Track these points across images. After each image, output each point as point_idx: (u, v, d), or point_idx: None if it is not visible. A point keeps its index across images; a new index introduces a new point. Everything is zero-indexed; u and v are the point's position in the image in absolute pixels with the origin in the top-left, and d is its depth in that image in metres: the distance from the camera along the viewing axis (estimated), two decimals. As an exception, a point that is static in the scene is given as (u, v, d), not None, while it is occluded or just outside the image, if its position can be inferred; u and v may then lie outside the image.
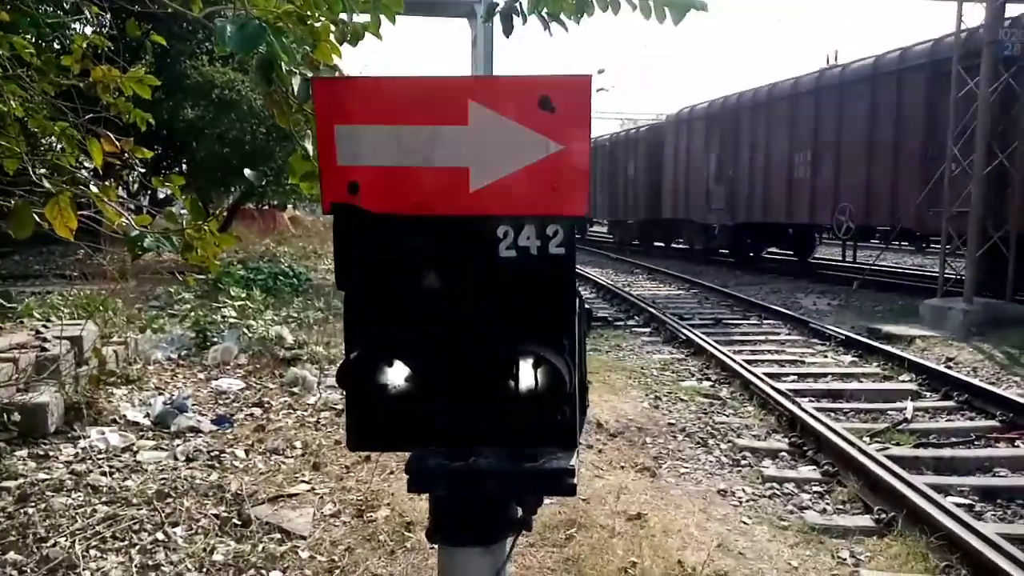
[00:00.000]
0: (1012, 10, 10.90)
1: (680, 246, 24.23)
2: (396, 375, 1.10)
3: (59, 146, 3.44)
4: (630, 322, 11.18)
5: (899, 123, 13.50)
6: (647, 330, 10.47)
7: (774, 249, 20.57)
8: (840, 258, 18.37)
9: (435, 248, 1.07)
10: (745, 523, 4.21)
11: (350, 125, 1.06)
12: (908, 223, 13.42)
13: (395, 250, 1.07)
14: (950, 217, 11.04)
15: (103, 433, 5.00)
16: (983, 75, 10.37)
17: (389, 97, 1.06)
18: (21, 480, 4.24)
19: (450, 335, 1.10)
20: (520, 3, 2.74)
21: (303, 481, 4.42)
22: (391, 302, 1.09)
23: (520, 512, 1.18)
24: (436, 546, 1.21)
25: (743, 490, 4.70)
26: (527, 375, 1.06)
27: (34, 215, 2.53)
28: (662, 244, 25.59)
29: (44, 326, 6.26)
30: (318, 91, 1.07)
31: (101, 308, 7.08)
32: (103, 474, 4.41)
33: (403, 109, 1.06)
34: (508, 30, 2.80)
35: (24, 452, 4.65)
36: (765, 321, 11.13)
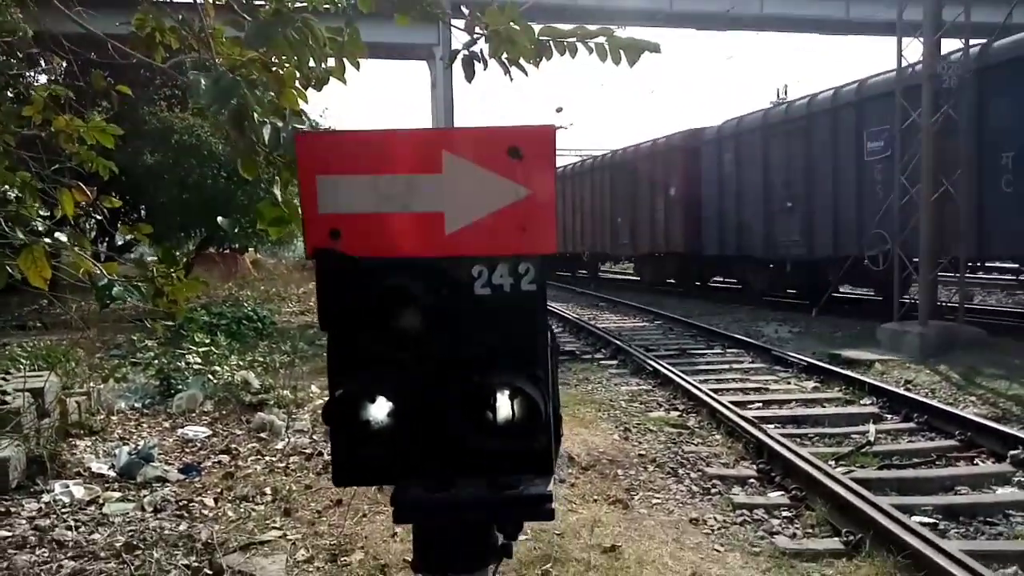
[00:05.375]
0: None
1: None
2: (379, 411, 1.15)
3: (14, 195, 3.41)
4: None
5: (636, 189, 23.26)
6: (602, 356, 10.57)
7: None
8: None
9: (413, 289, 1.13)
10: (718, 551, 4.26)
11: (331, 175, 1.12)
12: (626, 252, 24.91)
13: (375, 292, 1.12)
14: (900, 243, 11.43)
15: (67, 486, 4.89)
16: (924, 107, 10.76)
17: (368, 149, 1.12)
18: (-18, 539, 4.14)
19: (429, 371, 1.15)
20: (480, 50, 2.83)
21: (275, 528, 4.38)
22: (372, 341, 1.14)
23: (501, 539, 1.22)
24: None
25: (715, 518, 4.76)
26: (504, 406, 1.12)
27: (7, 267, 2.53)
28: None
29: (3, 379, 6.14)
30: (301, 145, 1.13)
31: (63, 359, 6.96)
32: (68, 528, 4.32)
33: (381, 159, 1.12)
34: (470, 76, 2.88)
35: (-16, 509, 4.54)
36: (728, 350, 11.31)
